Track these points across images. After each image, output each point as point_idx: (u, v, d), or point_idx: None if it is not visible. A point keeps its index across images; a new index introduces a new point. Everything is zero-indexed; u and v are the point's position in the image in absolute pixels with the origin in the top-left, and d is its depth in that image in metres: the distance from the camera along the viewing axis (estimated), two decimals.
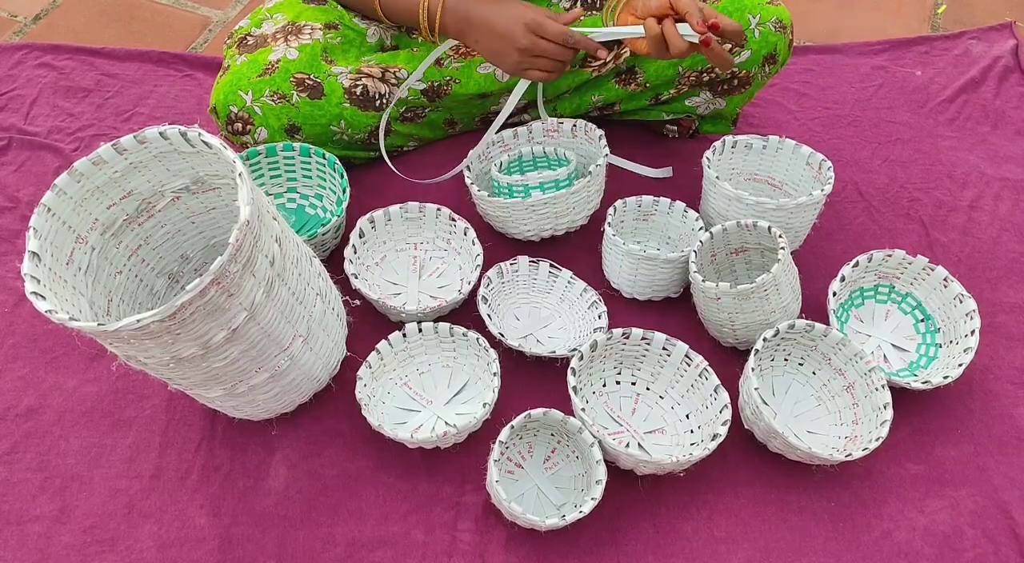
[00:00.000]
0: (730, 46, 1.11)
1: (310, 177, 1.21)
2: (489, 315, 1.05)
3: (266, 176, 1.20)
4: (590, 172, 1.10)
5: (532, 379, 1.05)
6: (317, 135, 1.17)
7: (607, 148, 1.14)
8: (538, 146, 1.21)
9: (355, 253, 1.10)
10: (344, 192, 1.13)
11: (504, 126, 1.26)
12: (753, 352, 0.95)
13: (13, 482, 0.97)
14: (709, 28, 0.94)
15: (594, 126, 1.19)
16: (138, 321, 0.68)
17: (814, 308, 1.10)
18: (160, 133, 0.81)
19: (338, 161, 1.15)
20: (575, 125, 1.21)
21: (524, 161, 1.22)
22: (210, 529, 0.93)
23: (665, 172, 1.28)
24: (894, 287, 1.12)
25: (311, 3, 1.23)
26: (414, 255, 1.17)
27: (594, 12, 1.24)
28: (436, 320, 1.05)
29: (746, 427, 0.99)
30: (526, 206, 1.11)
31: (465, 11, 1.07)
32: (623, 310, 1.13)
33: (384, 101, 1.18)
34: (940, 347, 1.08)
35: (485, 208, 1.16)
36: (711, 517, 0.95)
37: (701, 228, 1.13)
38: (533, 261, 1.13)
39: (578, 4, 1.24)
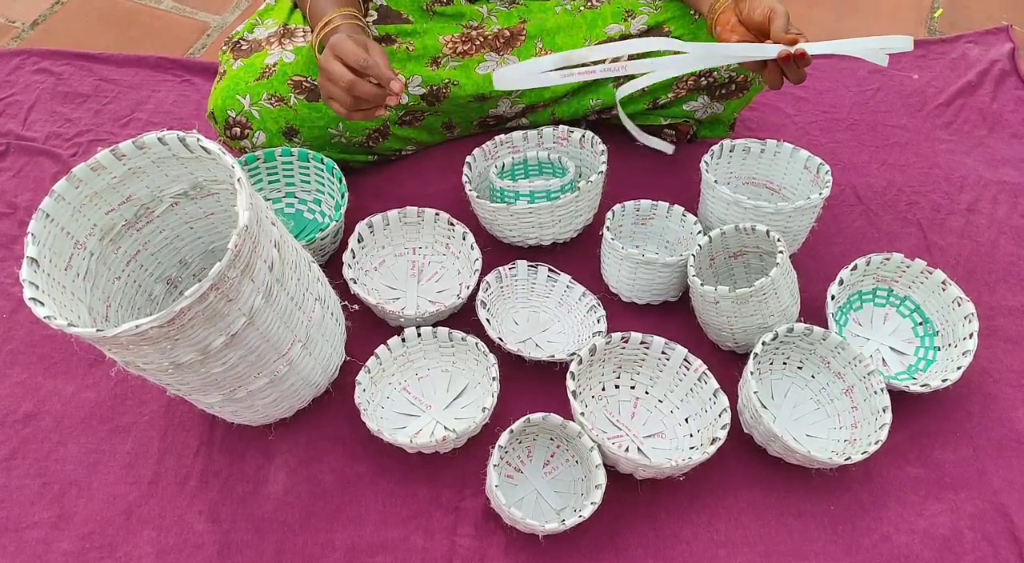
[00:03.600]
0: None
1: (308, 182, 1.21)
2: (488, 319, 1.05)
3: (264, 181, 1.20)
4: (579, 188, 1.10)
5: (531, 383, 1.05)
6: (316, 138, 1.17)
7: (605, 164, 1.14)
8: (544, 152, 1.22)
9: (354, 258, 1.10)
10: (343, 197, 1.13)
11: (513, 129, 1.27)
12: (752, 356, 0.95)
13: (11, 488, 0.96)
14: (796, 55, 0.94)
15: (600, 140, 1.19)
16: (137, 327, 0.68)
17: (813, 311, 1.10)
18: (159, 138, 0.81)
19: (336, 166, 1.15)
20: (583, 136, 1.21)
21: (529, 165, 1.22)
22: (209, 535, 0.93)
23: (666, 147, 1.26)
24: (892, 290, 1.12)
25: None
26: (413, 260, 1.17)
27: (593, 3, 1.22)
28: (435, 325, 1.05)
29: (745, 431, 0.99)
30: (511, 213, 1.11)
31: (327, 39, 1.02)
32: (622, 314, 1.13)
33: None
34: (939, 350, 1.08)
35: (475, 209, 1.16)
36: (711, 521, 0.95)
37: (699, 232, 1.13)
38: (531, 265, 1.13)
39: (581, 7, 1.24)
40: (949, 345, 1.06)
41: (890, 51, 0.97)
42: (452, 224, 1.14)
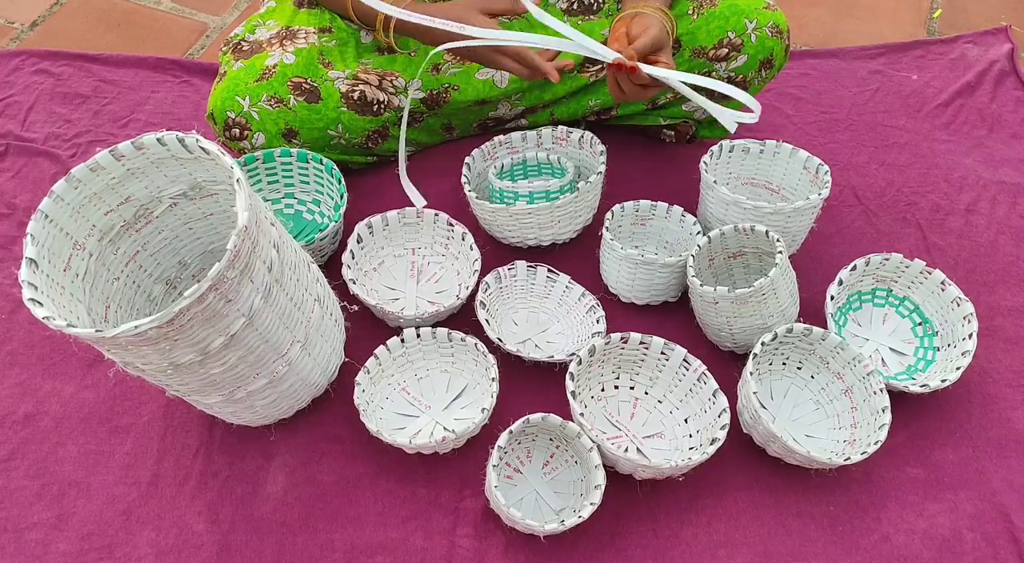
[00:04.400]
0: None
1: (307, 183, 1.21)
2: (487, 320, 1.05)
3: (264, 182, 1.20)
4: (578, 188, 1.10)
5: (530, 384, 1.05)
6: (315, 139, 1.17)
7: (604, 165, 1.14)
8: (543, 152, 1.22)
9: (353, 258, 1.10)
10: (342, 198, 1.13)
11: (512, 129, 1.27)
12: (751, 356, 0.95)
13: (11, 489, 0.96)
14: (627, 67, 0.96)
15: (599, 141, 1.19)
16: (136, 327, 0.68)
17: (812, 312, 1.10)
18: (158, 139, 0.81)
19: (335, 166, 1.15)
20: (582, 137, 1.21)
21: (528, 166, 1.22)
22: (208, 536, 0.93)
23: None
24: (892, 291, 1.12)
25: (302, 8, 1.24)
26: (412, 260, 1.17)
27: (591, 17, 1.24)
28: (434, 325, 1.05)
29: (745, 431, 0.99)
30: (510, 214, 1.11)
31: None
32: (621, 314, 1.13)
33: (382, 107, 1.18)
34: (938, 350, 1.08)
35: (474, 210, 1.16)
36: (710, 522, 0.95)
37: (699, 232, 1.13)
38: (531, 266, 1.13)
39: (575, 5, 1.24)
40: (948, 345, 1.06)
41: (739, 119, 1.00)
42: (451, 225, 1.14)
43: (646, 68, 0.96)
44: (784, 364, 1.05)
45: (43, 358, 1.08)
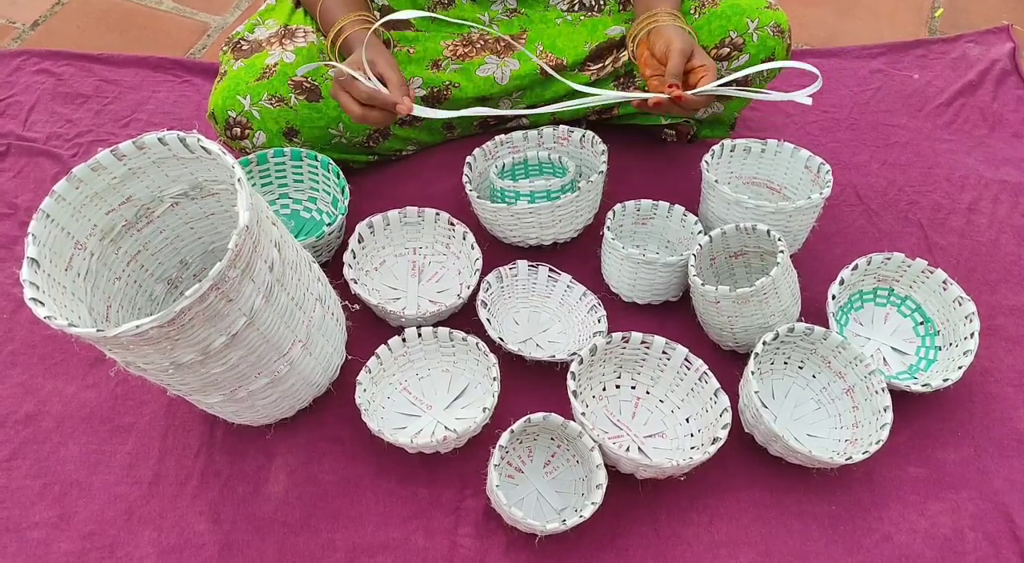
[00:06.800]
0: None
1: (301, 181, 1.20)
2: (488, 319, 1.05)
3: (258, 184, 1.19)
4: (579, 187, 1.10)
5: (532, 383, 1.05)
6: (316, 138, 1.17)
7: (605, 164, 1.14)
8: (544, 152, 1.22)
9: (354, 258, 1.10)
10: (343, 191, 1.13)
11: (514, 129, 1.27)
12: (753, 355, 0.95)
13: (12, 489, 0.96)
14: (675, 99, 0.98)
15: (600, 140, 1.19)
16: (137, 327, 0.68)
17: (813, 311, 1.10)
18: (159, 139, 0.81)
19: (332, 162, 1.15)
20: (583, 136, 1.21)
21: (530, 165, 1.22)
22: (209, 535, 0.93)
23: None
24: (893, 290, 1.12)
25: (299, 7, 1.24)
26: (413, 260, 1.17)
27: (593, 13, 1.24)
28: (435, 325, 1.05)
29: (746, 431, 0.99)
30: (511, 213, 1.11)
31: (353, 45, 1.06)
32: (622, 314, 1.13)
33: None
34: (940, 350, 1.08)
35: (475, 209, 1.16)
36: (712, 521, 0.95)
37: (700, 232, 1.13)
38: (532, 265, 1.13)
39: (576, 6, 1.24)
40: (950, 345, 1.06)
41: (809, 92, 0.98)
42: (452, 224, 1.14)
43: (690, 92, 0.97)
44: (786, 363, 1.05)
45: (44, 358, 1.08)
